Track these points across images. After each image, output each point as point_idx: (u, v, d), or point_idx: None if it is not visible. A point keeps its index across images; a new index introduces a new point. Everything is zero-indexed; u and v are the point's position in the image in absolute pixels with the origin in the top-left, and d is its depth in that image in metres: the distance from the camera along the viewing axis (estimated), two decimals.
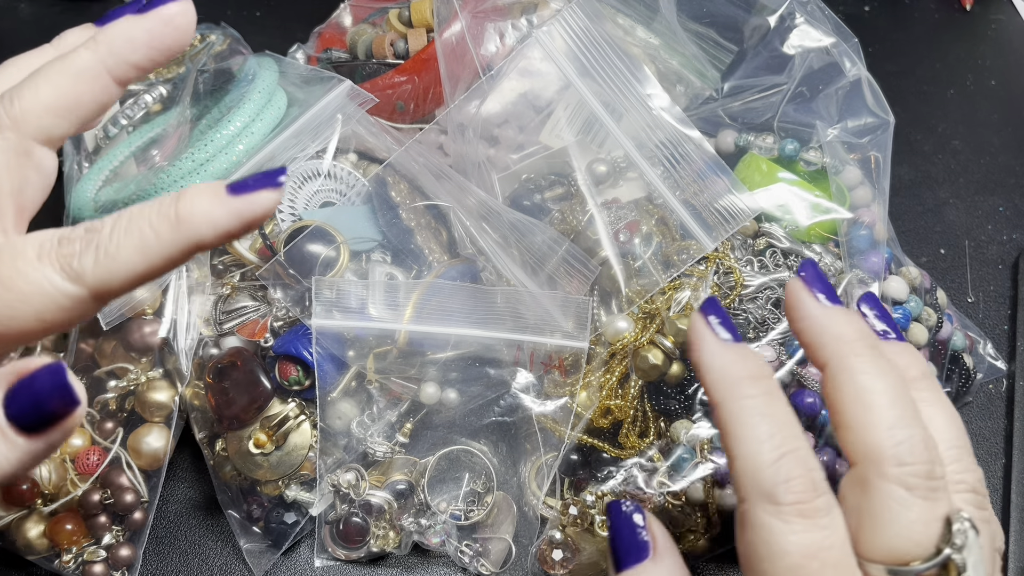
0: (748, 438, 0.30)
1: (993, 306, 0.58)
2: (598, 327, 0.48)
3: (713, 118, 0.54)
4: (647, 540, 0.33)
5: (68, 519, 0.46)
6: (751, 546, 0.29)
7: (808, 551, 0.28)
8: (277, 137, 0.47)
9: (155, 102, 0.52)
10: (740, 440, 0.30)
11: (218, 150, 0.46)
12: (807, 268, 0.34)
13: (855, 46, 0.51)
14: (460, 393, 0.48)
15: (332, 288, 0.46)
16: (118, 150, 0.50)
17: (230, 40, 0.57)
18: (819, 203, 0.50)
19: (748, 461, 0.30)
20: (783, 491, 0.29)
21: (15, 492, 0.45)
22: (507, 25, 0.52)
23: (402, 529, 0.47)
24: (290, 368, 0.47)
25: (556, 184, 0.51)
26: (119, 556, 0.46)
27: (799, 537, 0.29)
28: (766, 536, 0.29)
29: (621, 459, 0.45)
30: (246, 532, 0.47)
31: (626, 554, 0.33)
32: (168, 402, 0.48)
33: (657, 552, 0.33)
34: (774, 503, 0.29)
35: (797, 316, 0.33)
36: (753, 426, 0.30)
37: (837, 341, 0.32)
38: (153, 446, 0.47)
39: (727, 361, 0.31)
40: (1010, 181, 0.64)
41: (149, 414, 0.48)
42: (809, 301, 0.33)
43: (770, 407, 0.30)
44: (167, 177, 0.45)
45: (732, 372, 0.31)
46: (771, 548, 0.29)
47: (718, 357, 0.31)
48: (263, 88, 0.48)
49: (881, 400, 0.30)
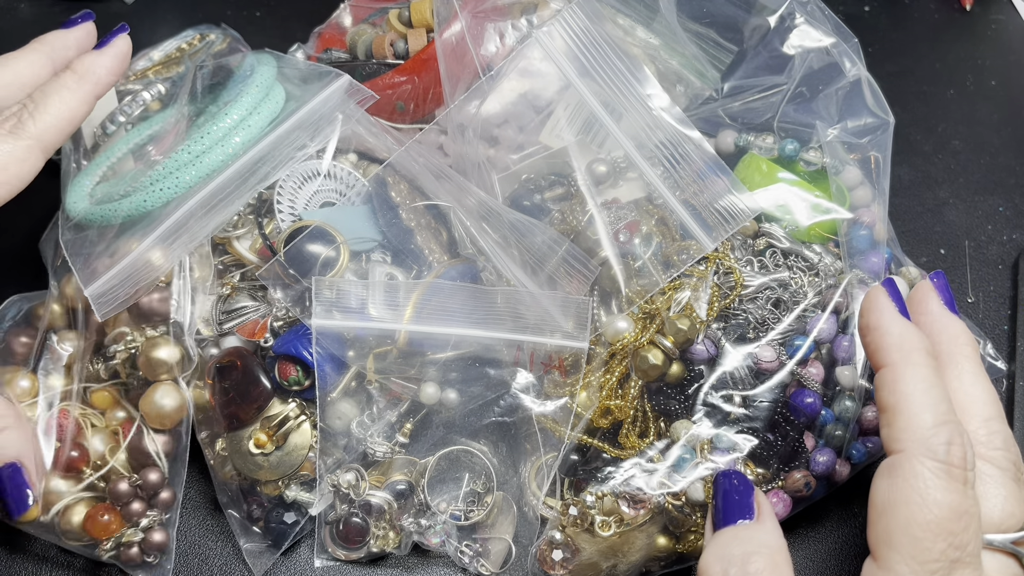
0: (919, 398, 0.34)
1: (993, 306, 0.58)
2: (598, 327, 0.48)
3: (713, 118, 0.54)
4: (753, 503, 0.37)
5: (103, 511, 0.45)
6: (899, 492, 0.33)
7: (958, 510, 0.32)
8: (274, 131, 0.47)
9: (153, 100, 0.52)
10: (910, 398, 0.34)
11: (214, 142, 0.46)
12: (939, 276, 0.40)
13: (855, 46, 0.51)
14: (460, 393, 0.48)
15: (332, 288, 0.46)
16: (115, 147, 0.50)
17: (230, 40, 0.57)
18: (819, 203, 0.50)
19: (916, 418, 0.33)
20: (945, 451, 0.32)
21: (67, 459, 0.45)
22: (507, 25, 0.52)
23: (402, 529, 0.47)
24: (290, 368, 0.47)
25: (556, 184, 0.51)
26: (152, 541, 0.46)
27: (952, 496, 0.32)
28: (921, 486, 0.32)
29: (621, 459, 0.45)
30: (246, 532, 0.47)
31: (731, 514, 0.37)
32: (170, 359, 0.47)
33: (762, 516, 0.37)
34: (936, 459, 0.32)
35: (921, 310, 0.39)
36: (925, 390, 0.34)
37: (953, 341, 0.37)
38: (165, 404, 0.46)
39: (906, 329, 0.36)
40: (1010, 181, 0.64)
41: (154, 373, 0.47)
42: (935, 302, 0.39)
43: (938, 380, 0.35)
44: (163, 169, 0.45)
45: (911, 339, 0.36)
46: (924, 498, 0.32)
47: (897, 324, 0.36)
48: (261, 82, 0.48)
49: (984, 397, 0.36)
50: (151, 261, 0.46)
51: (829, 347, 0.46)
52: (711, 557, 0.35)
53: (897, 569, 0.32)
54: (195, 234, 0.46)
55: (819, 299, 0.47)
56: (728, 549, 0.35)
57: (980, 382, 0.37)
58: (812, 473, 0.44)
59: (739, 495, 0.38)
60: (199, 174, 0.45)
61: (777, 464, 0.44)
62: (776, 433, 0.44)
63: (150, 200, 0.45)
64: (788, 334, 0.46)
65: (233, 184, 0.46)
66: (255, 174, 0.47)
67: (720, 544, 0.36)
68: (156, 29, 0.68)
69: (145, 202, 0.45)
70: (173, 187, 0.45)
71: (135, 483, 0.46)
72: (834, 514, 0.49)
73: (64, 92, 0.44)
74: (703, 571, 0.35)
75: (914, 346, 0.35)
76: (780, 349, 0.46)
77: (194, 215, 0.46)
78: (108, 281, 0.45)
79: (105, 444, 0.47)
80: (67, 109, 0.44)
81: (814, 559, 0.48)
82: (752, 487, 0.38)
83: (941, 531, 0.32)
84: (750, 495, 0.38)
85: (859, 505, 0.50)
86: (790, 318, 0.47)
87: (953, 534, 0.32)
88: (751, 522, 0.37)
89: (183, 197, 0.45)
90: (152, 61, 0.59)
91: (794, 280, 0.48)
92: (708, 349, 0.46)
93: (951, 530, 0.32)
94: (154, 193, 0.45)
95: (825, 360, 0.46)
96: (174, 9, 0.73)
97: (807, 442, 0.45)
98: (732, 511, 0.37)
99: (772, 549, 0.35)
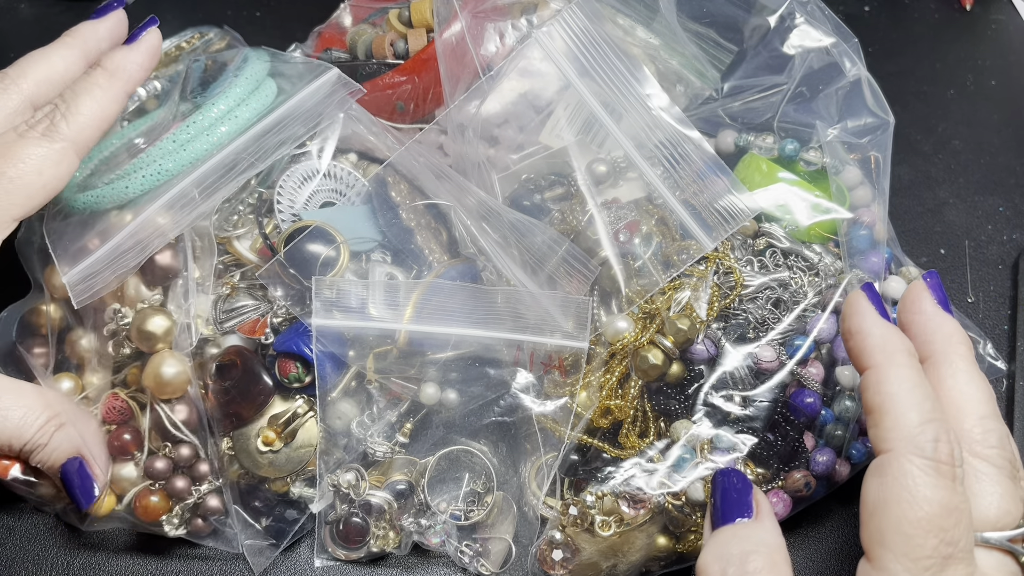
0: (904, 398, 0.34)
1: (993, 306, 0.58)
2: (598, 327, 0.48)
3: (713, 118, 0.54)
4: (751, 502, 0.37)
5: (147, 493, 0.46)
6: (889, 491, 0.33)
7: (948, 506, 0.32)
8: (261, 122, 0.47)
9: (149, 96, 0.52)
10: (895, 398, 0.34)
11: (200, 131, 0.46)
12: (932, 276, 0.40)
13: (855, 46, 0.51)
14: (460, 393, 0.48)
15: (332, 288, 0.46)
16: (109, 141, 0.50)
17: (229, 39, 0.57)
18: (819, 203, 0.50)
19: (902, 417, 0.34)
20: (933, 448, 0.33)
21: (120, 442, 0.46)
22: (507, 25, 0.52)
23: (402, 529, 0.47)
24: (289, 365, 0.46)
25: (556, 184, 0.51)
26: (210, 507, 0.47)
27: (941, 493, 0.32)
28: (910, 484, 0.32)
29: (621, 459, 0.45)
30: (247, 529, 0.47)
31: (730, 512, 0.37)
32: (160, 331, 0.46)
33: (760, 514, 0.37)
34: (924, 456, 0.33)
35: (915, 309, 0.39)
36: (909, 389, 0.34)
37: (947, 340, 0.37)
38: (167, 372, 0.46)
39: (888, 332, 0.36)
40: (1010, 181, 0.64)
41: (148, 345, 0.46)
42: (928, 301, 0.39)
43: (923, 380, 0.35)
44: (146, 157, 0.45)
45: (893, 342, 0.36)
46: (914, 495, 0.32)
47: (879, 327, 0.36)
48: (251, 75, 0.48)
49: (979, 396, 0.36)
50: (130, 249, 0.45)
51: (829, 347, 0.46)
52: (709, 556, 0.35)
53: (891, 568, 0.32)
54: (178, 223, 0.46)
55: (819, 299, 0.47)
56: (726, 548, 0.35)
57: (975, 380, 0.37)
58: (812, 473, 0.44)
59: (738, 493, 0.38)
60: (183, 162, 0.45)
61: (777, 464, 0.44)
62: (776, 433, 0.44)
63: (132, 187, 0.45)
64: (788, 334, 0.46)
65: (217, 173, 0.46)
66: (239, 164, 0.46)
67: (719, 543, 0.36)
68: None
69: (127, 188, 0.45)
70: (156, 174, 0.45)
71: (169, 455, 0.46)
72: (834, 514, 0.49)
73: (96, 91, 0.43)
74: (701, 570, 0.35)
75: (896, 347, 0.36)
76: (780, 349, 0.46)
77: (177, 203, 0.45)
78: (87, 268, 0.45)
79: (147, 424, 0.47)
80: (100, 108, 0.43)
81: (814, 559, 0.48)
82: (751, 485, 0.38)
83: (932, 527, 0.32)
84: (749, 493, 0.38)
85: (859, 505, 0.50)
86: (790, 318, 0.47)
87: (944, 530, 0.32)
88: (750, 520, 0.36)
89: (166, 184, 0.45)
90: None
91: (794, 280, 0.48)
92: (708, 349, 0.46)
93: (942, 526, 0.32)
94: (136, 180, 0.45)
95: (825, 360, 0.46)
96: (174, 9, 0.73)
97: (807, 442, 0.45)
98: (731, 509, 0.37)
99: (771, 548, 0.35)
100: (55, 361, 0.48)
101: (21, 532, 0.49)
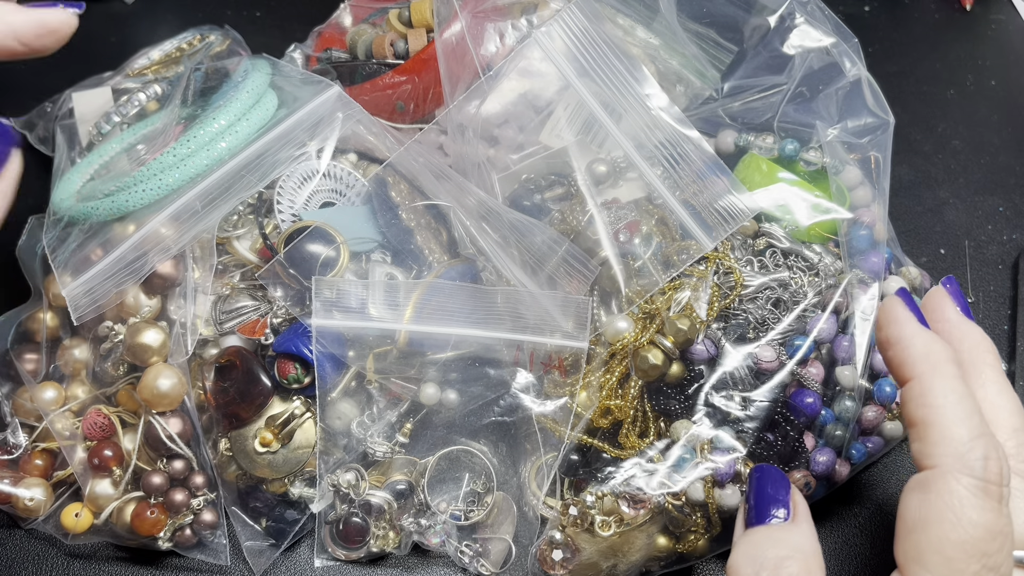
0: (951, 411, 0.32)
1: (993, 306, 0.58)
2: (598, 327, 0.48)
3: (713, 118, 0.54)
4: (788, 501, 0.36)
5: (148, 508, 0.46)
6: (932, 509, 0.31)
7: (993, 529, 0.31)
8: (262, 138, 0.47)
9: (149, 100, 0.52)
10: (942, 411, 0.32)
11: (200, 146, 0.46)
12: (951, 282, 0.40)
13: (855, 46, 0.51)
14: (460, 393, 0.48)
15: (332, 288, 0.46)
16: (108, 146, 0.50)
17: (230, 41, 0.57)
18: (819, 203, 0.50)
19: (949, 432, 0.32)
20: (983, 467, 0.31)
21: (100, 458, 0.46)
22: (507, 25, 0.52)
23: (402, 529, 0.47)
24: (288, 366, 0.46)
25: (556, 184, 0.51)
26: (204, 521, 0.47)
27: (988, 516, 0.31)
28: (956, 504, 0.31)
29: (621, 459, 0.45)
30: (246, 529, 0.47)
31: (765, 511, 0.36)
32: (155, 344, 0.46)
33: (797, 516, 0.35)
34: (973, 476, 0.31)
35: (937, 318, 0.38)
36: (957, 402, 0.32)
37: (974, 348, 0.36)
38: (162, 385, 0.45)
39: (931, 341, 0.34)
40: (1010, 181, 0.64)
41: (141, 359, 0.46)
42: (952, 309, 0.38)
43: (968, 391, 0.33)
44: (147, 171, 0.45)
45: (937, 352, 0.34)
46: (959, 517, 0.31)
47: (921, 336, 0.35)
48: (252, 88, 0.48)
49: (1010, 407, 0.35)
50: (133, 261, 0.45)
51: (829, 347, 0.46)
52: (742, 557, 0.34)
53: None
54: (181, 235, 0.46)
55: (819, 299, 0.47)
56: (760, 550, 0.34)
57: (1005, 391, 0.35)
58: (812, 473, 0.44)
59: (775, 491, 0.36)
60: (183, 177, 0.46)
61: (777, 464, 0.44)
62: (776, 433, 0.44)
63: (132, 200, 0.45)
64: (788, 334, 0.46)
65: (218, 190, 0.46)
66: (240, 181, 0.47)
67: (752, 543, 0.34)
68: (156, 29, 0.68)
69: (127, 202, 0.45)
70: (156, 189, 0.45)
71: (164, 470, 0.46)
72: (834, 514, 0.49)
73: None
74: (733, 569, 0.34)
75: (941, 357, 0.34)
76: (780, 349, 0.46)
77: (181, 216, 0.46)
78: (88, 281, 0.45)
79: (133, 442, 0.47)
80: None
81: None
82: (788, 483, 0.37)
83: (975, 552, 0.30)
84: (787, 492, 0.36)
85: (859, 505, 0.50)
86: (790, 318, 0.47)
87: (987, 555, 0.30)
88: (786, 523, 0.35)
89: (166, 199, 0.46)
90: (151, 60, 0.59)
91: (794, 280, 0.48)
92: (708, 349, 0.46)
93: (985, 551, 0.30)
94: (136, 194, 0.45)
95: (825, 360, 0.46)
96: (174, 9, 0.73)
97: (807, 442, 0.45)
98: (766, 508, 0.36)
99: (806, 554, 0.33)
100: (47, 370, 0.49)
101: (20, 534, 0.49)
